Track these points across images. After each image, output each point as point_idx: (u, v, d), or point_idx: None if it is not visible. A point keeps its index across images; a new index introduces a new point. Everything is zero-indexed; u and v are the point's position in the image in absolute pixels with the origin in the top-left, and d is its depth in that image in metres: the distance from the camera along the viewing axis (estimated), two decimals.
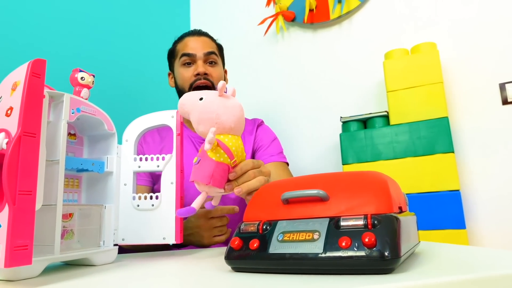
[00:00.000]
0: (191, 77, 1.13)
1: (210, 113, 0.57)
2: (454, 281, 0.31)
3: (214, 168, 0.55)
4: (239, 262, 0.42)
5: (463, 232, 1.21)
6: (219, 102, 0.58)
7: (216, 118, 0.57)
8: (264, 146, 1.17)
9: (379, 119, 1.42)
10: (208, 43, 1.18)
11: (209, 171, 0.54)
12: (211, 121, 0.57)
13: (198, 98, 0.58)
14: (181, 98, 0.61)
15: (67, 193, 0.62)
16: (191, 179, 0.56)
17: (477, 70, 1.43)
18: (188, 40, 1.18)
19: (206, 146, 0.54)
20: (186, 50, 1.16)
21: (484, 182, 1.37)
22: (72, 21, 1.37)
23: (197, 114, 0.58)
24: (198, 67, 1.13)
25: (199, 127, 0.58)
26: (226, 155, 0.56)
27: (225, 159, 0.56)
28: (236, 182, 0.59)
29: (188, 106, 0.59)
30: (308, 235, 0.39)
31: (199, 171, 0.55)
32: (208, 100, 0.58)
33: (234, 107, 0.59)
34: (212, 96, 0.58)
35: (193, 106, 0.58)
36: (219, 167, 0.55)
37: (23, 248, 0.40)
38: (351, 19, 1.69)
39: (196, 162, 0.56)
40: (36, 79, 0.43)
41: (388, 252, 0.35)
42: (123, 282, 0.43)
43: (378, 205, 0.39)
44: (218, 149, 0.55)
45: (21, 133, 0.41)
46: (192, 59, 1.15)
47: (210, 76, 1.13)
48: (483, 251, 0.48)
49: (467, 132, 1.41)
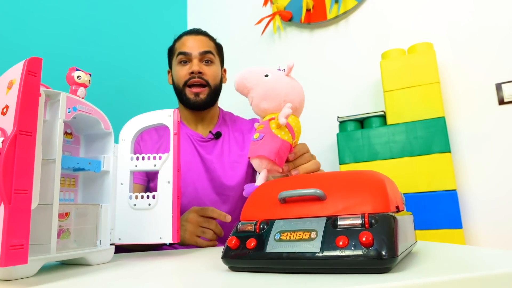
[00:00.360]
0: (186, 75, 1.15)
1: (279, 90, 0.56)
2: (450, 280, 0.31)
3: (280, 145, 0.53)
4: (236, 262, 0.42)
5: (459, 232, 1.22)
6: (288, 81, 0.57)
7: (284, 96, 0.56)
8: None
9: (376, 119, 1.43)
10: (205, 42, 1.19)
11: (275, 147, 0.53)
12: (278, 99, 0.56)
13: (263, 75, 0.58)
14: (242, 72, 0.60)
15: (64, 192, 0.62)
16: (252, 155, 0.55)
17: (473, 70, 1.43)
18: (186, 39, 1.19)
19: (282, 120, 0.52)
20: (183, 48, 1.17)
21: (481, 182, 1.37)
22: (69, 20, 1.37)
23: (263, 90, 0.57)
24: (193, 66, 1.14)
25: (263, 103, 0.57)
26: (290, 134, 0.55)
27: (289, 138, 0.55)
28: (293, 164, 0.59)
29: (251, 81, 0.58)
30: (305, 234, 0.39)
31: (263, 147, 0.54)
32: (276, 78, 0.57)
33: (300, 88, 0.59)
34: (279, 74, 0.58)
35: (258, 81, 0.57)
36: (284, 145, 0.54)
37: (18, 247, 0.40)
38: (348, 19, 1.69)
39: (258, 138, 0.55)
40: (32, 77, 0.43)
41: (385, 251, 0.35)
42: (120, 282, 0.43)
43: (375, 204, 0.39)
44: (283, 127, 0.55)
45: (17, 132, 0.41)
46: (188, 57, 1.16)
47: (204, 75, 1.14)
48: (479, 250, 0.48)
49: (463, 132, 1.42)
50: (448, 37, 1.49)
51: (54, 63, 1.11)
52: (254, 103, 0.58)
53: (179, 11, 2.05)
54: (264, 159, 0.54)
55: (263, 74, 0.58)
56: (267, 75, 0.58)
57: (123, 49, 1.60)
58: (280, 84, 0.57)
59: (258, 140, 0.55)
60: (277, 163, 0.54)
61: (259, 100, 0.57)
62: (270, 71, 0.58)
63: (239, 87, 0.59)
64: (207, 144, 1.17)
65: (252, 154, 0.55)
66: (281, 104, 0.56)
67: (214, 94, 1.17)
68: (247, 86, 0.58)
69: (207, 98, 1.15)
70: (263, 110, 0.57)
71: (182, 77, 1.15)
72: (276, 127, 0.54)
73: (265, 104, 0.57)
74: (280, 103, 0.56)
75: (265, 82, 0.57)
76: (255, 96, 0.58)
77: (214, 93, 1.18)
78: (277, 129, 0.54)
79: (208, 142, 1.17)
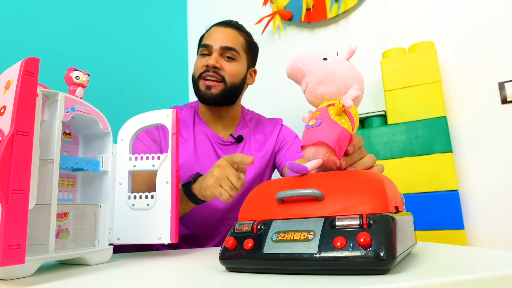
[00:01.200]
0: (202, 67, 1.08)
1: (339, 74, 0.52)
2: (450, 282, 0.31)
3: (340, 133, 0.48)
4: (233, 262, 0.42)
5: (461, 233, 1.21)
6: (349, 65, 0.54)
7: (345, 80, 0.52)
8: (288, 144, 1.14)
9: (377, 119, 1.42)
10: (231, 37, 1.10)
11: (336, 135, 0.48)
12: (339, 83, 0.51)
13: (321, 58, 0.54)
14: (296, 56, 0.55)
15: (62, 192, 0.62)
16: (308, 142, 0.49)
17: (475, 69, 1.43)
18: (213, 30, 1.12)
19: (349, 103, 0.47)
20: (206, 40, 1.10)
21: (483, 182, 1.37)
22: (67, 20, 1.37)
23: (321, 73, 0.52)
24: (210, 59, 1.06)
25: (320, 88, 0.52)
26: (350, 123, 0.50)
27: (349, 127, 0.50)
28: (351, 159, 0.54)
29: (307, 64, 0.53)
30: (303, 235, 0.38)
31: (321, 133, 0.48)
32: (336, 61, 0.53)
33: (361, 75, 0.55)
34: (339, 58, 0.54)
35: (316, 65, 0.53)
36: (344, 133, 0.49)
37: (16, 247, 0.40)
38: (348, 18, 1.69)
39: (315, 125, 0.49)
40: (29, 77, 0.43)
41: (383, 252, 0.34)
42: (117, 282, 0.42)
43: (373, 205, 0.39)
44: (343, 115, 0.50)
45: (14, 132, 0.41)
46: (208, 50, 1.09)
47: (221, 70, 1.07)
48: (481, 252, 0.47)
49: (465, 131, 1.41)
50: (450, 36, 1.48)
51: (53, 63, 1.11)
52: (310, 88, 0.53)
53: (179, 10, 2.05)
54: (322, 147, 0.48)
55: (321, 57, 0.54)
56: (325, 59, 0.53)
57: (122, 49, 1.59)
58: (342, 67, 0.52)
59: (314, 127, 0.49)
60: (336, 153, 0.48)
61: (316, 84, 0.52)
62: (328, 55, 0.54)
63: (293, 71, 0.54)
64: (228, 148, 1.11)
65: (307, 142, 0.49)
66: (342, 89, 0.51)
67: (229, 92, 1.08)
68: (302, 70, 0.53)
69: (220, 94, 1.07)
70: (320, 95, 0.52)
71: (198, 69, 1.09)
72: (336, 113, 0.49)
73: (323, 89, 0.52)
74: (340, 88, 0.51)
75: (324, 65, 0.53)
76: (311, 80, 0.53)
77: (230, 91, 1.08)
78: (336, 116, 0.49)
79: (229, 146, 1.11)
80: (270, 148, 1.14)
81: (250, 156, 0.77)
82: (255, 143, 1.14)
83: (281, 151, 1.14)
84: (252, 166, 1.09)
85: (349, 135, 0.50)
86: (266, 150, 1.13)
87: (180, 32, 2.01)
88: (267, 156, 1.13)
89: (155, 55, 1.76)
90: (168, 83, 1.78)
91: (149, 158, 0.66)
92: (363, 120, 1.46)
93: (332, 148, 0.47)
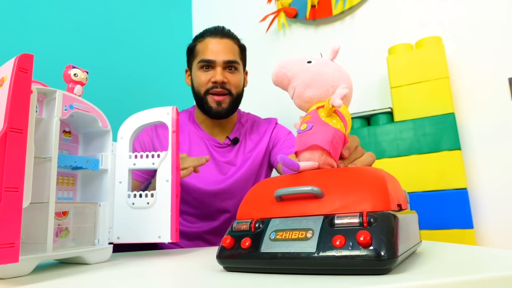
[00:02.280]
0: (208, 83, 1.09)
1: (325, 75, 0.51)
2: (454, 282, 0.30)
3: (333, 134, 0.47)
4: (230, 262, 0.41)
5: (470, 232, 1.19)
6: (334, 65, 0.53)
7: (332, 81, 0.51)
8: (282, 140, 1.16)
9: (383, 116, 1.40)
10: (230, 48, 1.12)
11: (329, 136, 0.47)
12: (326, 84, 0.50)
13: (305, 61, 0.53)
14: (280, 63, 0.54)
15: (62, 191, 0.61)
16: (301, 147, 0.48)
17: (484, 64, 1.40)
18: (210, 43, 1.12)
19: (338, 102, 0.46)
20: (206, 55, 1.10)
21: (492, 180, 1.34)
22: (66, 17, 1.36)
23: (307, 76, 0.51)
24: (216, 75, 1.08)
25: (308, 90, 0.51)
26: (342, 123, 0.49)
27: (342, 127, 0.49)
28: (348, 160, 0.54)
29: (292, 69, 0.52)
30: (301, 233, 0.37)
31: (313, 137, 0.47)
32: (321, 63, 0.52)
33: (347, 74, 0.54)
34: (323, 60, 0.53)
35: (301, 68, 0.52)
36: (337, 134, 0.48)
37: (9, 246, 0.39)
38: (354, 15, 1.66)
39: (306, 129, 0.48)
40: (23, 74, 0.42)
41: (384, 251, 0.33)
42: (115, 281, 0.42)
43: (374, 202, 0.38)
44: (335, 115, 0.49)
45: (7, 129, 0.40)
46: (211, 64, 1.10)
47: (228, 84, 1.10)
48: (488, 251, 0.46)
49: (474, 128, 1.38)
50: (457, 31, 1.45)
51: (52, 61, 1.11)
52: (297, 92, 0.52)
53: (183, 8, 2.04)
54: (316, 150, 0.47)
55: (305, 61, 0.53)
56: (309, 62, 0.52)
57: (122, 47, 1.58)
58: (327, 68, 0.51)
59: (306, 131, 0.48)
60: (331, 155, 0.47)
61: (303, 88, 0.51)
62: (312, 58, 0.53)
63: (278, 78, 0.54)
64: (223, 149, 1.14)
65: (301, 147, 0.48)
66: (329, 90, 0.50)
67: (235, 102, 1.13)
68: (287, 76, 0.53)
69: (229, 107, 1.11)
70: (308, 99, 0.51)
71: (203, 84, 1.10)
72: (326, 115, 0.48)
73: (311, 92, 0.51)
74: (328, 89, 0.50)
75: (309, 68, 0.52)
76: (298, 85, 0.52)
77: (236, 101, 1.13)
78: (327, 118, 0.48)
79: (225, 148, 1.15)
80: (263, 146, 1.16)
81: (205, 156, 0.89)
82: (250, 143, 1.16)
83: (275, 147, 1.17)
84: (244, 164, 1.12)
85: (343, 136, 0.49)
86: (260, 149, 1.15)
87: (184, 30, 2.00)
88: (261, 154, 1.15)
89: (157, 53, 1.75)
90: (169, 81, 1.77)
91: (149, 156, 0.66)
92: (369, 118, 1.44)
93: (327, 150, 0.46)
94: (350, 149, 0.54)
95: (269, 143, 1.17)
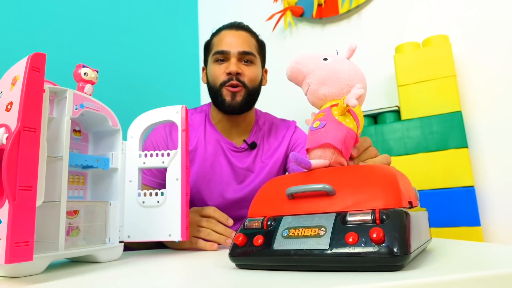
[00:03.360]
0: (223, 75, 1.03)
1: (341, 73, 0.51)
2: (467, 278, 0.30)
3: (346, 133, 0.47)
4: (243, 259, 0.41)
5: (477, 230, 1.18)
6: (350, 64, 0.52)
7: (347, 80, 0.50)
8: (300, 146, 1.12)
9: (390, 114, 1.40)
10: (246, 40, 1.07)
11: (341, 136, 0.47)
12: (341, 83, 0.50)
13: (322, 58, 0.53)
14: (296, 58, 0.54)
15: (73, 190, 0.62)
16: (313, 145, 0.48)
17: (491, 63, 1.39)
18: (225, 35, 1.07)
19: (353, 102, 0.46)
20: (220, 46, 1.05)
21: (500, 178, 1.33)
22: (76, 16, 1.37)
23: (323, 73, 0.51)
24: (231, 66, 1.02)
25: (323, 88, 0.51)
26: (355, 122, 0.49)
27: (354, 127, 0.49)
28: (358, 159, 0.53)
29: (308, 65, 0.52)
30: (314, 230, 0.37)
31: (326, 135, 0.47)
32: (337, 61, 0.52)
33: (362, 73, 0.53)
34: (339, 57, 0.53)
35: (317, 65, 0.52)
36: (350, 133, 0.48)
37: (24, 244, 0.39)
38: (360, 13, 1.66)
39: (319, 126, 0.48)
40: (35, 73, 0.43)
41: (397, 248, 0.33)
42: (127, 279, 0.42)
43: (386, 200, 0.38)
44: (348, 115, 0.49)
45: (20, 128, 0.40)
46: (225, 56, 1.04)
47: (242, 75, 1.03)
48: (497, 248, 0.46)
49: (481, 126, 1.38)
50: (464, 29, 1.44)
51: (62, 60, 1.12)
52: (311, 89, 0.52)
53: (189, 7, 2.05)
54: (328, 149, 0.47)
55: (321, 58, 0.53)
56: (326, 59, 0.52)
57: (132, 46, 1.59)
58: (343, 66, 0.51)
59: (319, 129, 0.48)
60: (343, 154, 0.47)
61: (317, 85, 0.51)
62: (328, 55, 0.53)
63: (293, 73, 0.53)
64: (240, 154, 1.09)
65: (312, 144, 0.48)
66: (344, 88, 0.50)
67: (250, 97, 1.06)
68: (302, 72, 0.52)
69: (243, 100, 1.04)
70: (322, 96, 0.51)
71: (218, 77, 1.04)
72: (340, 113, 0.48)
73: (325, 90, 0.51)
74: (342, 87, 0.50)
75: (325, 65, 0.51)
76: (312, 81, 0.51)
77: (251, 95, 1.06)
78: (341, 116, 0.48)
79: (242, 153, 1.09)
80: (282, 152, 1.11)
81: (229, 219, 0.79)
82: (268, 148, 1.11)
83: (295, 151, 1.12)
84: (263, 171, 1.08)
85: (355, 135, 0.49)
86: (279, 155, 1.11)
87: (191, 29, 2.00)
88: (280, 161, 1.11)
89: (166, 52, 1.76)
90: (179, 80, 1.78)
91: (159, 155, 0.66)
92: (376, 116, 1.44)
93: (338, 149, 0.47)
94: (359, 149, 0.53)
95: (288, 148, 1.13)
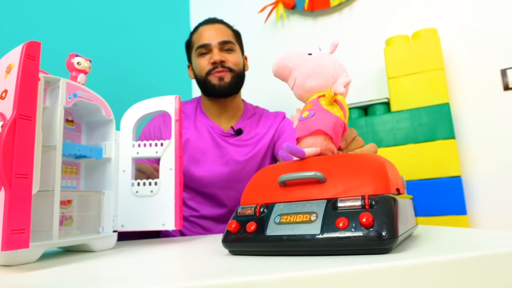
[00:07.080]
0: (208, 65, 1.12)
1: (327, 66, 0.52)
2: (451, 260, 0.31)
3: (335, 120, 0.49)
4: (236, 245, 0.42)
5: (464, 218, 1.21)
6: (333, 59, 0.54)
7: (333, 72, 0.52)
8: (287, 132, 1.17)
9: (380, 106, 1.41)
10: (223, 31, 1.16)
11: (331, 122, 0.48)
12: (326, 75, 0.52)
13: (306, 53, 0.54)
14: (282, 54, 0.55)
15: (66, 179, 0.62)
16: (304, 133, 0.49)
17: (478, 56, 1.41)
18: (203, 30, 1.16)
19: (341, 89, 0.47)
20: (201, 41, 1.14)
21: (486, 168, 1.36)
22: (69, 6, 1.35)
23: (309, 66, 0.52)
24: (214, 55, 1.11)
25: (309, 81, 0.52)
26: (342, 112, 0.51)
27: (342, 116, 0.50)
28: (347, 150, 0.56)
29: (294, 60, 0.53)
30: (305, 216, 0.39)
31: (316, 123, 0.48)
32: (322, 55, 0.54)
33: (345, 67, 0.55)
34: (323, 52, 0.55)
35: (302, 59, 0.53)
36: (338, 121, 0.49)
37: (20, 232, 0.40)
38: (352, 6, 1.67)
39: (308, 116, 0.50)
40: (30, 61, 0.43)
41: (385, 232, 0.34)
42: (121, 267, 0.43)
43: (375, 186, 0.39)
44: (335, 104, 0.50)
45: (16, 116, 0.41)
46: (207, 49, 1.13)
47: (227, 62, 1.12)
48: (481, 232, 0.47)
49: (468, 118, 1.41)
50: (453, 23, 1.46)
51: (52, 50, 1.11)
52: (298, 82, 0.53)
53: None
54: (319, 136, 0.48)
55: (306, 53, 0.54)
56: (310, 54, 0.54)
57: (124, 36, 1.58)
58: (328, 60, 0.53)
59: (308, 118, 0.49)
60: (333, 140, 0.49)
61: (304, 78, 0.52)
62: (312, 51, 0.55)
63: (279, 68, 0.54)
64: (227, 138, 1.15)
65: (303, 132, 0.49)
66: (330, 80, 0.52)
67: (237, 79, 1.15)
68: (289, 66, 0.53)
69: (231, 81, 1.12)
70: (309, 89, 0.52)
71: (204, 68, 1.13)
72: (328, 103, 0.50)
73: (312, 82, 0.52)
74: (328, 79, 0.52)
75: (311, 59, 0.53)
76: (299, 75, 0.53)
77: (238, 77, 1.15)
78: (328, 106, 0.50)
79: (228, 137, 1.15)
80: (268, 138, 1.16)
81: None
82: (254, 135, 1.17)
83: (280, 139, 1.17)
84: (247, 155, 1.13)
85: (343, 124, 0.51)
86: (264, 142, 1.16)
87: (183, 20, 1.99)
88: (265, 147, 1.15)
89: (158, 43, 1.75)
90: (171, 73, 1.77)
91: (152, 145, 0.66)
92: (367, 108, 1.45)
93: (329, 135, 0.48)
94: (346, 140, 0.56)
95: (274, 135, 1.18)
